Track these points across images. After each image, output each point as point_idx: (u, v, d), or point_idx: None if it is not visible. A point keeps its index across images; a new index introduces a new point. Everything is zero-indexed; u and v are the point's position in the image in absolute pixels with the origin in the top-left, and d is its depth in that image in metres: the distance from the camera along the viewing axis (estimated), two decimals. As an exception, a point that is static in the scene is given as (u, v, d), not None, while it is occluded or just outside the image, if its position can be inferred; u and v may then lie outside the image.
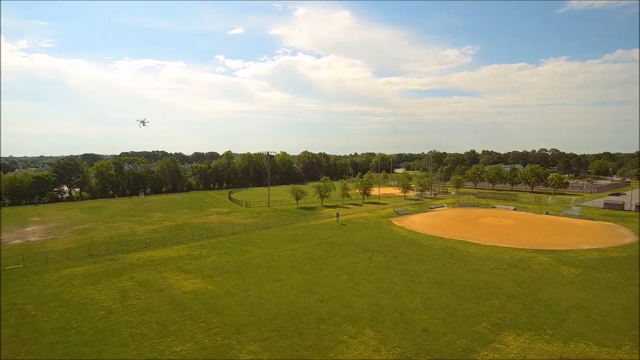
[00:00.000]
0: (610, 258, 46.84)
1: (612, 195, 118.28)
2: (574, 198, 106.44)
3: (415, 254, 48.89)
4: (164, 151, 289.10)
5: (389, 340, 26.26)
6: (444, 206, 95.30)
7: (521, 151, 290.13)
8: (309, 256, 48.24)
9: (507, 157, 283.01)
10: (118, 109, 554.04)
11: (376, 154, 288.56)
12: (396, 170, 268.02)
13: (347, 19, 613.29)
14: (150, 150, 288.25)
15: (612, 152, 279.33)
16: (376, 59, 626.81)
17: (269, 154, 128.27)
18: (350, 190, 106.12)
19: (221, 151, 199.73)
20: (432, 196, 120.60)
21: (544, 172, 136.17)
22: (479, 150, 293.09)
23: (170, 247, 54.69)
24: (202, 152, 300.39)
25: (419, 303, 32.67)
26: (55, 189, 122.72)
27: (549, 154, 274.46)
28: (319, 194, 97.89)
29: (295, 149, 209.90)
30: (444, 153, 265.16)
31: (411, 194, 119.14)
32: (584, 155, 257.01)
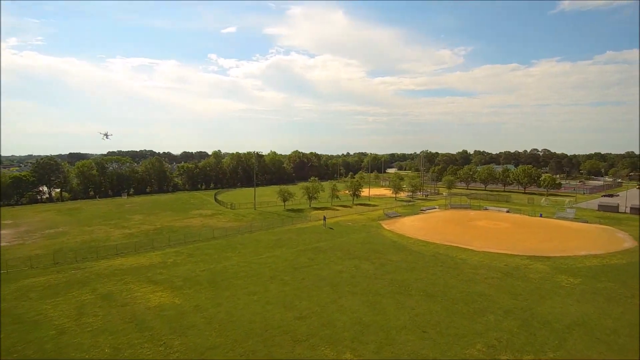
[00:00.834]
0: (610, 266, 44.29)
1: (605, 196, 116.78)
2: (568, 200, 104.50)
3: (405, 262, 45.90)
4: (152, 150, 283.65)
5: (371, 367, 23.17)
6: (435, 208, 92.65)
7: (513, 151, 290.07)
8: (291, 264, 44.98)
9: (499, 157, 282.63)
10: (111, 107, 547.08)
11: (368, 153, 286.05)
12: (388, 170, 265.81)
13: (341, 18, 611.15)
14: (138, 150, 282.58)
15: (602, 153, 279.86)
16: (371, 58, 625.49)
17: (255, 153, 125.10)
18: (339, 191, 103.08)
19: (214, 151, 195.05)
20: (423, 197, 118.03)
21: (536, 172, 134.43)
22: (471, 151, 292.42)
23: (143, 253, 51.08)
24: (191, 151, 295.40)
25: (407, 320, 29.61)
26: (34, 190, 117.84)
27: (541, 154, 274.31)
28: (307, 195, 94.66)
29: (291, 148, 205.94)
30: (436, 153, 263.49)
31: (402, 194, 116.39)
32: (575, 156, 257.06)
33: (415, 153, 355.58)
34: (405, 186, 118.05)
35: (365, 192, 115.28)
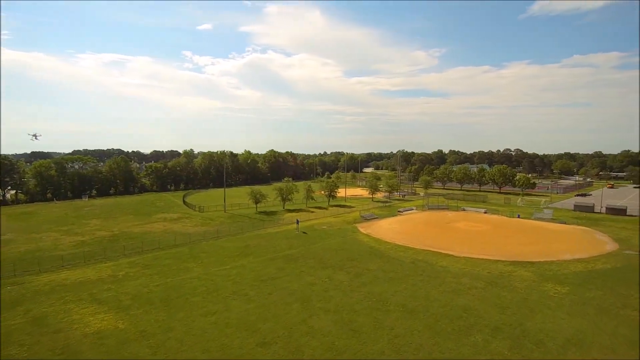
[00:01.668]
0: (596, 271, 42.18)
1: (578, 195, 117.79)
2: (544, 200, 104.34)
3: (383, 270, 42.39)
4: (120, 149, 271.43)
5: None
6: (413, 209, 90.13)
7: (487, 151, 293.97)
8: (257, 276, 40.64)
9: (473, 157, 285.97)
10: (81, 104, 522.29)
11: (345, 153, 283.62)
12: (365, 170, 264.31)
13: (318, 17, 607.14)
14: (106, 148, 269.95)
15: (572, 153, 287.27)
16: (347, 58, 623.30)
17: (228, 152, 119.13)
18: (315, 192, 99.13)
19: (184, 150, 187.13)
20: (400, 198, 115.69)
21: (511, 172, 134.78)
22: (446, 150, 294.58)
23: (93, 265, 45.55)
24: (162, 150, 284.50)
25: (385, 344, 25.95)
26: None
27: (513, 153, 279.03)
28: (280, 196, 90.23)
29: (268, 147, 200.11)
30: (412, 153, 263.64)
31: (379, 195, 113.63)
32: (546, 155, 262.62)
33: (392, 152, 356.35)
34: (382, 186, 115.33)
35: (342, 192, 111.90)
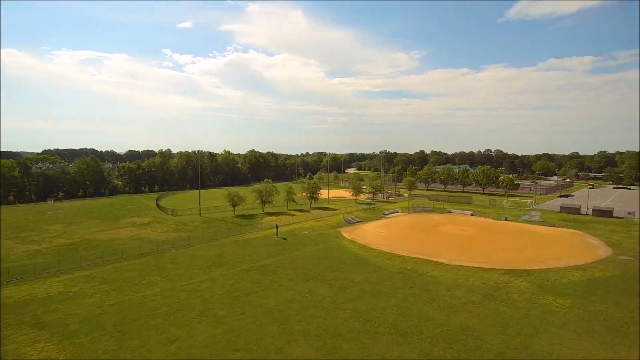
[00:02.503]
0: (595, 280, 39.50)
1: (561, 197, 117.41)
2: (529, 201, 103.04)
3: (369, 282, 38.60)
4: (93, 149, 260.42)
5: None
6: (398, 211, 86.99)
7: (468, 152, 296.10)
8: (229, 291, 36.18)
9: (454, 158, 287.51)
10: (55, 102, 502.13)
11: (328, 153, 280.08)
12: (348, 170, 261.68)
13: (300, 17, 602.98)
14: (78, 148, 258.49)
15: (550, 153, 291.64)
16: (329, 59, 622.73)
17: (206, 152, 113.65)
18: (296, 193, 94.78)
19: (160, 149, 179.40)
20: (385, 199, 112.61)
21: (495, 173, 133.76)
22: (428, 151, 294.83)
23: (44, 279, 40.16)
24: (137, 150, 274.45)
25: (375, 378, 22.09)
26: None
27: (494, 154, 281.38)
28: (259, 199, 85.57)
29: (249, 147, 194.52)
30: (395, 153, 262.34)
31: (363, 197, 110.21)
32: (525, 156, 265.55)
33: (374, 153, 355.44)
34: (365, 187, 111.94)
35: (324, 194, 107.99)
